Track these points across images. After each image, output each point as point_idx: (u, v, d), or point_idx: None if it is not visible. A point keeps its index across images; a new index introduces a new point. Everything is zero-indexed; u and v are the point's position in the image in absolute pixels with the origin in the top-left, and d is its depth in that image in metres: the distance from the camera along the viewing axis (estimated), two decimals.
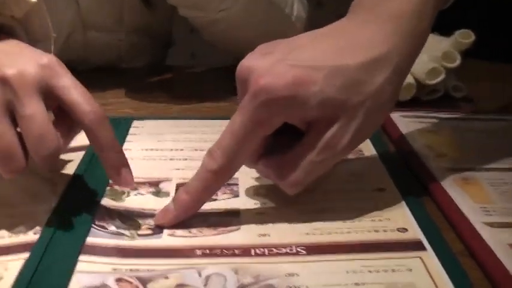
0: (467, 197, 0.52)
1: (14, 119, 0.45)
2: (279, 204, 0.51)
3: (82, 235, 0.46)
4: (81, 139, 0.49)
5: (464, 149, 0.62)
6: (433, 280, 0.42)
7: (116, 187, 0.52)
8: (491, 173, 0.56)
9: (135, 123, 0.67)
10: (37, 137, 0.44)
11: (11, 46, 0.50)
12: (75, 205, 0.50)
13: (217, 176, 0.46)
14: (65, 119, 0.47)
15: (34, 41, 0.55)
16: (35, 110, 0.44)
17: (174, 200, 0.48)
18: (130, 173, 0.47)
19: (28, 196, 0.51)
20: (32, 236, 0.46)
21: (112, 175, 0.47)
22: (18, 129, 0.45)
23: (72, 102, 0.45)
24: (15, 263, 0.43)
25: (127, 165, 0.47)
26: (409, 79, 0.71)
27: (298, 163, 0.46)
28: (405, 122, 0.67)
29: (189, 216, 0.47)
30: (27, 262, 0.43)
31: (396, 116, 0.68)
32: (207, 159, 0.46)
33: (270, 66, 0.45)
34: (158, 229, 0.47)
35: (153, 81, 0.85)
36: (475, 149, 0.62)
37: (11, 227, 0.47)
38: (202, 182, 0.46)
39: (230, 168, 0.47)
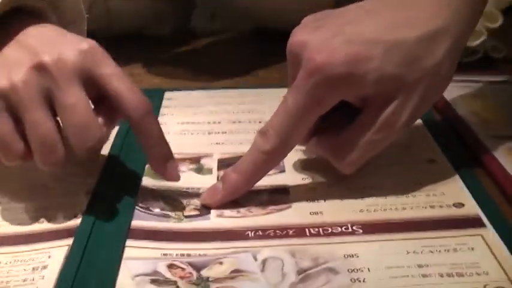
0: None
1: (52, 109, 0.42)
2: (328, 179, 0.49)
3: (126, 218, 0.44)
4: None
5: (508, 115, 0.59)
6: (497, 259, 0.40)
7: None
8: None
9: (167, 94, 0.64)
10: (80, 127, 0.41)
11: (47, 31, 0.46)
12: (115, 186, 0.48)
13: (270, 156, 0.44)
14: (104, 106, 0.44)
15: (65, 23, 0.51)
16: (76, 99, 0.41)
17: (222, 179, 0.45)
18: (177, 166, 0.45)
19: (64, 177, 0.49)
20: (73, 220, 0.44)
21: (158, 169, 0.45)
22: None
23: (118, 94, 0.42)
24: (59, 249, 0.41)
25: (173, 159, 0.45)
26: None
27: (355, 142, 0.44)
28: (448, 87, 0.64)
29: (237, 197, 0.45)
30: (72, 249, 0.41)
31: None
32: (260, 139, 0.44)
33: (324, 41, 0.42)
34: (205, 209, 0.45)
35: (178, 50, 0.82)
36: None
37: (50, 211, 0.45)
38: (253, 163, 0.44)
39: (284, 149, 0.44)
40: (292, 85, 0.43)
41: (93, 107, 0.43)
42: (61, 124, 0.42)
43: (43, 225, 0.44)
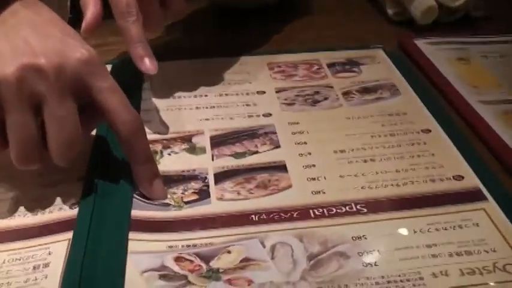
0: None
1: (37, 110, 0.40)
2: (325, 153, 0.48)
3: (126, 208, 0.42)
4: None
5: (495, 78, 0.59)
6: (503, 235, 0.40)
7: None
8: None
9: None
10: (65, 142, 0.40)
11: (41, 17, 0.43)
12: (107, 171, 0.45)
13: None
14: (86, 115, 0.42)
15: None
16: (67, 113, 0.40)
17: None
18: (162, 184, 0.44)
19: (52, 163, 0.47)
20: (69, 211, 0.42)
21: (144, 187, 0.43)
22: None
23: (111, 109, 0.41)
24: (58, 245, 0.39)
25: (159, 176, 0.44)
26: (431, 2, 0.67)
27: None
28: (432, 51, 0.63)
29: None
30: (73, 245, 0.39)
31: (422, 44, 0.64)
32: None
33: None
34: (204, 193, 0.44)
35: None
36: (507, 77, 0.59)
37: (43, 201, 0.43)
38: None
39: None
40: None
41: None
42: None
43: (38, 218, 0.42)
